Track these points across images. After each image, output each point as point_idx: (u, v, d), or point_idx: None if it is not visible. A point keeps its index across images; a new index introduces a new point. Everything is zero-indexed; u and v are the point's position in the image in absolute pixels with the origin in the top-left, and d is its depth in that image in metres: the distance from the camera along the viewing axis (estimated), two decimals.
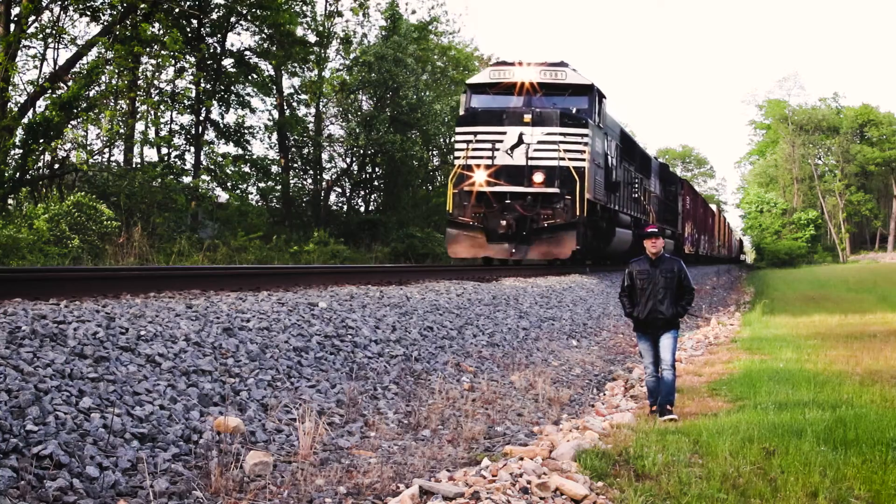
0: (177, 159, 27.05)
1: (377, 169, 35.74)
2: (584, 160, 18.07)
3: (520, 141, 17.87)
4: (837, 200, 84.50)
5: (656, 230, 7.69)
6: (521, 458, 5.23)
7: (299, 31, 30.14)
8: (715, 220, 58.51)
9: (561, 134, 17.99)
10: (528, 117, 17.97)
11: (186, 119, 27.81)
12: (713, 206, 62.94)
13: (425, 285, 12.06)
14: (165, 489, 4.37)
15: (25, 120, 19.41)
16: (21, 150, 19.33)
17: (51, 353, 5.13)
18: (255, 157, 30.36)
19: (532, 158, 17.92)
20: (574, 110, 18.38)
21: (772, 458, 5.50)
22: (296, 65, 30.90)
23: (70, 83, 20.10)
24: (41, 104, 20.28)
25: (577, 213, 17.90)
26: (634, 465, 5.21)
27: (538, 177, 17.85)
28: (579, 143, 18.12)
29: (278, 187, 32.30)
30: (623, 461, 5.30)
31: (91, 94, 20.20)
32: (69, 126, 20.54)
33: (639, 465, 5.18)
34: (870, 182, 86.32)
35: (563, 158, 17.83)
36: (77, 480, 4.15)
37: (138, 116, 25.48)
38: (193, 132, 27.23)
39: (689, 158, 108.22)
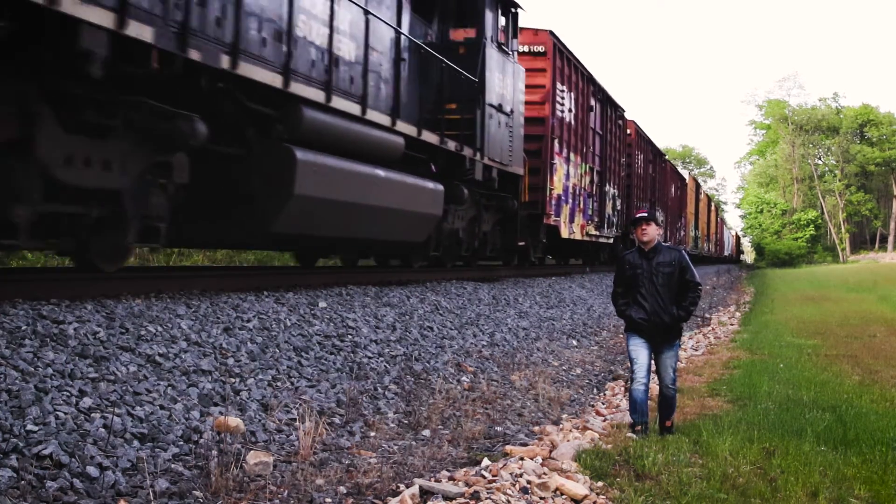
0: None
1: None
2: None
3: None
4: (837, 200, 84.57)
5: (646, 215, 6.24)
6: (522, 458, 5.23)
7: None
8: (687, 196, 42.56)
9: None
10: None
11: None
12: (686, 175, 46.58)
13: (425, 285, 12.06)
14: (166, 489, 4.37)
15: None
16: None
17: (51, 353, 5.13)
18: None
19: None
20: None
21: (772, 458, 5.50)
22: None
23: None
24: None
25: None
26: (634, 465, 5.21)
27: None
28: None
29: None
30: (623, 461, 5.30)
31: None
32: None
33: (639, 465, 5.18)
34: (870, 182, 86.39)
35: None
36: (77, 480, 4.15)
37: None
38: None
39: (690, 158, 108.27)
